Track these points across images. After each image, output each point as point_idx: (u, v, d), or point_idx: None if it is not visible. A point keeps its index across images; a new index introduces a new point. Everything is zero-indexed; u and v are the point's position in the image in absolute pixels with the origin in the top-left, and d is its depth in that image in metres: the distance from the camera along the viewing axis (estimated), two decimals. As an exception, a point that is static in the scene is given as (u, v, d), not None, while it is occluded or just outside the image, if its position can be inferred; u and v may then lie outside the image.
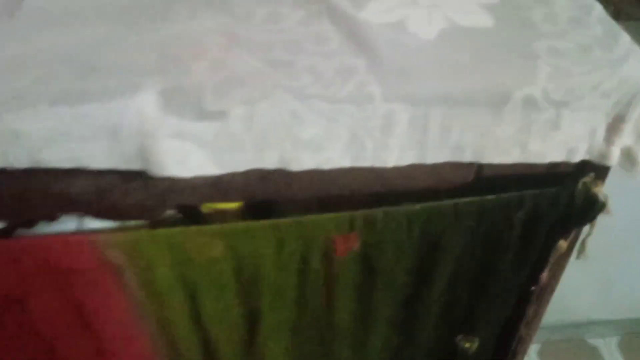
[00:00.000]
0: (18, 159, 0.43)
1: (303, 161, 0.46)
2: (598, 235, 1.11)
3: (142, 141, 0.43)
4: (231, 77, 0.44)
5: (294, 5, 0.53)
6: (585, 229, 0.59)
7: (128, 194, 0.49)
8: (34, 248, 0.51)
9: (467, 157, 0.48)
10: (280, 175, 0.49)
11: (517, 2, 0.54)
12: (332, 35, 0.49)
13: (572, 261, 1.15)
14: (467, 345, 0.68)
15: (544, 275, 0.60)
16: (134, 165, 0.44)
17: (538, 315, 0.67)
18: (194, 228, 0.52)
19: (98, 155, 0.43)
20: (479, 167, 0.52)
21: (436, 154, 0.48)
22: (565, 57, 0.47)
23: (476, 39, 0.49)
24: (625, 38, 0.49)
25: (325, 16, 0.51)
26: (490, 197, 0.53)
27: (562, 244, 0.57)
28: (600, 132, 0.48)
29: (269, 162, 0.46)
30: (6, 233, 0.51)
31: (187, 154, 0.44)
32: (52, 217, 0.51)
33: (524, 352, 0.71)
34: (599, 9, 0.53)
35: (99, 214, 0.50)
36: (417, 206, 0.53)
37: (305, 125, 0.45)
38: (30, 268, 0.52)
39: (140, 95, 0.42)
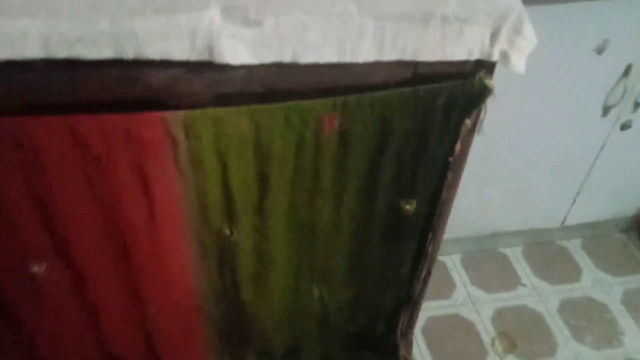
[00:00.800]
0: (129, 51, 0.67)
1: (307, 57, 0.73)
2: (505, 157, 1.43)
3: (209, 40, 0.68)
4: (264, 0, 0.71)
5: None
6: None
7: (190, 82, 0.74)
8: (119, 121, 0.75)
9: (408, 56, 0.77)
10: (289, 71, 0.76)
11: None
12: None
13: (485, 180, 1.49)
14: (407, 207, 0.97)
15: (457, 146, 0.90)
16: (203, 57, 0.70)
17: (455, 181, 0.97)
18: (231, 108, 0.78)
19: (181, 50, 0.69)
20: (415, 66, 0.80)
21: (389, 54, 0.76)
22: (466, -8, 0.76)
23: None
24: (501, -18, 0.79)
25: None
26: (421, 87, 0.82)
27: (467, 122, 0.87)
28: (487, 40, 0.77)
29: (286, 56, 0.72)
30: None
31: (237, 49, 0.70)
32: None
33: (447, 213, 1.02)
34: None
35: (169, 99, 0.75)
36: (377, 94, 0.81)
37: (309, 32, 0.71)
38: (114, 136, 0.76)
39: (209, 10, 0.68)
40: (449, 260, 1.64)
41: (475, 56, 0.79)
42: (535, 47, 0.82)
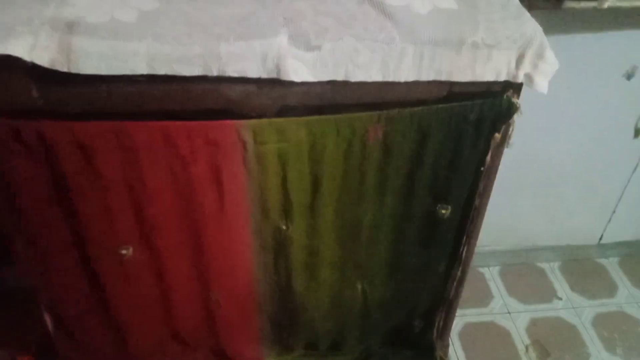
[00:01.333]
0: (214, 70, 0.83)
1: (357, 76, 0.87)
2: (541, 174, 1.53)
3: (278, 61, 0.84)
4: (322, 29, 0.86)
5: (346, -3, 0.95)
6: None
7: (259, 96, 0.90)
8: (201, 127, 0.91)
9: (443, 77, 0.90)
10: (341, 87, 0.90)
11: (471, -4, 0.97)
12: (372, 12, 0.91)
13: (521, 195, 1.58)
14: (443, 211, 1.09)
15: (488, 158, 1.02)
16: (272, 75, 0.85)
17: (487, 190, 1.08)
18: (292, 119, 0.93)
19: (255, 69, 0.84)
20: (450, 86, 0.93)
21: (427, 75, 0.89)
22: (494, 22, 0.89)
23: (448, 14, 0.91)
24: (526, 14, 0.92)
25: (367, 3, 0.93)
26: (455, 104, 0.95)
27: (497, 135, 0.99)
28: (512, 63, 0.90)
29: (339, 75, 0.87)
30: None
31: (299, 69, 0.85)
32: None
33: (480, 220, 1.13)
34: (516, 1, 0.96)
35: (241, 110, 0.91)
36: (416, 109, 0.95)
37: (359, 55, 0.86)
38: (197, 140, 0.92)
39: (279, 37, 0.83)
40: (488, 271, 1.73)
41: (502, 78, 0.91)
42: (568, 70, 0.94)
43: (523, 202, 1.60)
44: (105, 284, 1.10)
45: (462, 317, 1.58)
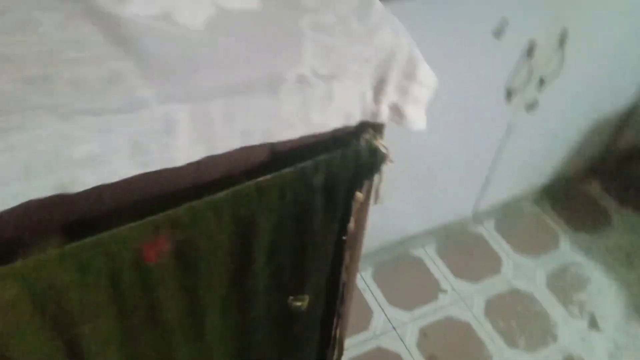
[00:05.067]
0: None
1: (84, 180, 0.43)
2: (412, 164, 1.19)
3: None
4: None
5: (48, 7, 0.47)
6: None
7: None
8: None
9: (256, 139, 0.49)
10: (88, 193, 0.45)
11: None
12: (94, 38, 0.45)
13: (391, 186, 1.25)
14: (298, 304, 0.72)
15: (351, 224, 0.65)
16: None
17: (354, 258, 0.73)
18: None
19: None
20: (272, 145, 0.53)
21: (226, 143, 0.48)
22: (327, 31, 0.49)
23: (245, 23, 0.49)
24: (378, 6, 0.52)
25: (85, 17, 0.47)
26: (287, 170, 0.55)
27: (359, 195, 0.62)
28: (369, 95, 0.51)
29: (43, 190, 0.42)
30: None
31: None
32: None
33: (351, 295, 0.78)
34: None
35: None
36: (221, 194, 0.53)
37: (76, 144, 0.41)
38: None
39: None
40: (360, 279, 1.42)
41: (355, 120, 0.53)
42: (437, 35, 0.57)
43: (395, 199, 1.28)
44: None
45: (346, 353, 1.27)
